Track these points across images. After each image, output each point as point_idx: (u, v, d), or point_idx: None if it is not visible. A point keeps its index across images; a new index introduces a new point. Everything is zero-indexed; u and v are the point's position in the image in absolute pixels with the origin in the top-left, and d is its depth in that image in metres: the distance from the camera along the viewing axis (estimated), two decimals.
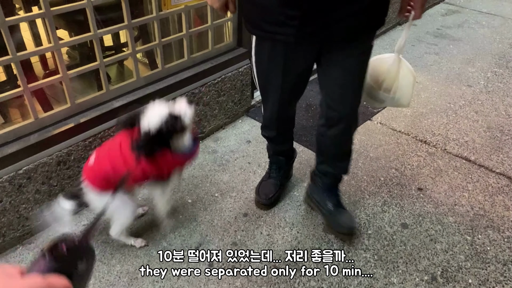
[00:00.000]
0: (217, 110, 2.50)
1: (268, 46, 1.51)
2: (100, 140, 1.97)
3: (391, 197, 2.10)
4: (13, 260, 1.78)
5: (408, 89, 1.68)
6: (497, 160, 2.33)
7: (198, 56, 2.34)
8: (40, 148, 1.79)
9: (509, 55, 3.50)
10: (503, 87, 3.04)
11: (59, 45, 1.75)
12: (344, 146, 1.78)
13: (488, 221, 1.97)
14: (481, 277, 1.72)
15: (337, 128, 1.66)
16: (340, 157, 1.82)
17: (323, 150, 1.85)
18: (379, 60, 1.66)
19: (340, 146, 1.77)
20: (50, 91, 2.58)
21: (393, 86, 1.64)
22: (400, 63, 1.63)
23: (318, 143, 1.85)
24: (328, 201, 1.89)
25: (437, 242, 1.87)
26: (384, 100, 1.70)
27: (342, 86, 1.55)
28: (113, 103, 2.01)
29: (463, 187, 2.16)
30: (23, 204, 1.80)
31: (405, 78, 1.64)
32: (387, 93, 1.65)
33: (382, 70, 1.64)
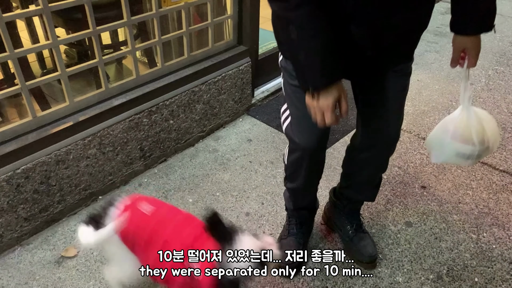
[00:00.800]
0: (217, 109, 2.47)
1: None
2: (100, 139, 1.94)
3: (395, 195, 2.08)
4: (11, 261, 1.75)
5: (497, 132, 1.56)
6: (500, 158, 2.31)
7: (198, 54, 2.32)
8: (38, 147, 1.75)
9: (510, 53, 3.48)
10: (505, 85, 3.02)
11: (57, 41, 1.72)
12: (379, 173, 1.65)
13: (493, 219, 1.94)
14: (487, 276, 1.69)
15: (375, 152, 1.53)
16: (370, 185, 1.68)
17: (352, 174, 1.69)
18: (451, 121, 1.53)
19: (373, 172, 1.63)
20: (48, 90, 2.54)
21: (484, 136, 1.50)
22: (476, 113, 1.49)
23: (346, 167, 1.70)
24: (349, 226, 1.76)
25: (442, 240, 1.84)
26: (482, 154, 1.55)
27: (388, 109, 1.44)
28: (112, 101, 1.98)
29: (467, 185, 2.14)
30: (21, 204, 1.77)
31: (489, 123, 1.51)
32: (482, 146, 1.51)
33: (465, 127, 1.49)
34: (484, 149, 1.51)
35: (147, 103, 2.08)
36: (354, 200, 1.74)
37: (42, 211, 1.84)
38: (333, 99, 1.13)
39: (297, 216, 1.75)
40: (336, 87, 1.13)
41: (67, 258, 1.76)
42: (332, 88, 1.13)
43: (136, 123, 2.06)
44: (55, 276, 1.69)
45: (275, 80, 2.93)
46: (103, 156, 1.98)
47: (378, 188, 1.71)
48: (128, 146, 2.08)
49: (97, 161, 1.97)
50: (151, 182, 2.16)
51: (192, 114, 2.33)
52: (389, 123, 1.46)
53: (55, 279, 1.67)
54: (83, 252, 1.79)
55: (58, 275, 1.69)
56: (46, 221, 1.88)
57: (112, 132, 1.98)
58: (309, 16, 1.08)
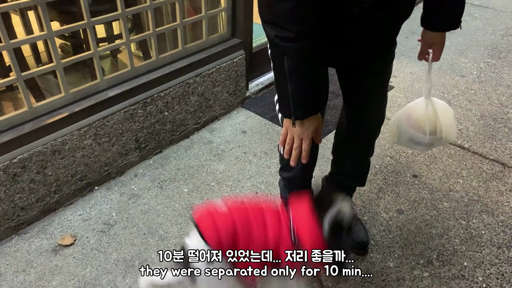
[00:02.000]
0: (212, 101, 2.50)
1: None
2: (96, 129, 1.96)
3: (387, 184, 2.11)
4: (8, 250, 1.77)
5: (452, 125, 1.66)
6: (490, 147, 2.35)
7: (192, 46, 2.34)
8: (34, 137, 1.77)
9: (501, 46, 3.53)
10: (496, 77, 3.06)
11: (52, 32, 1.74)
12: (367, 156, 1.69)
13: (483, 206, 1.98)
14: (476, 260, 1.73)
15: (361, 135, 1.59)
16: (359, 170, 1.73)
17: (341, 160, 1.75)
18: (412, 108, 1.64)
19: (361, 156, 1.68)
20: (44, 84, 2.56)
21: (436, 127, 1.61)
22: (434, 104, 1.61)
23: (335, 152, 1.76)
24: None
25: (432, 227, 1.88)
26: (433, 143, 1.65)
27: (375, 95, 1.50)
28: (107, 92, 2.00)
29: (457, 174, 2.17)
30: (18, 194, 1.79)
31: (444, 116, 1.62)
32: (433, 136, 1.62)
33: (419, 115, 1.61)
34: (437, 139, 1.61)
35: (142, 94, 2.10)
36: (345, 187, 1.77)
37: (38, 201, 1.87)
38: (313, 128, 1.19)
39: None
40: (316, 118, 1.18)
41: (64, 246, 1.78)
42: (313, 118, 1.17)
43: (131, 114, 2.08)
44: (52, 263, 1.71)
45: (269, 73, 2.95)
46: (98, 146, 2.01)
47: (367, 172, 1.75)
48: (124, 137, 2.10)
49: (93, 151, 1.99)
50: (146, 173, 2.18)
51: (186, 106, 2.35)
52: (373, 106, 1.51)
53: (52, 267, 1.70)
54: (79, 241, 1.81)
55: (55, 262, 1.72)
56: (43, 210, 1.90)
57: (108, 123, 2.00)
58: (306, 52, 1.09)
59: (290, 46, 1.07)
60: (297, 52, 1.08)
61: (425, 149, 1.71)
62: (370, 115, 1.53)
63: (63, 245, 1.78)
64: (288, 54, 1.09)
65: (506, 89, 2.90)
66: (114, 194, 2.05)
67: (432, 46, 1.44)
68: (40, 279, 1.65)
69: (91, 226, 1.88)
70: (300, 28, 1.05)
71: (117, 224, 1.89)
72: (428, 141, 1.61)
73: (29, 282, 1.64)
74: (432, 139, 1.61)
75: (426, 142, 1.62)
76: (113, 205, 1.99)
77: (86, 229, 1.87)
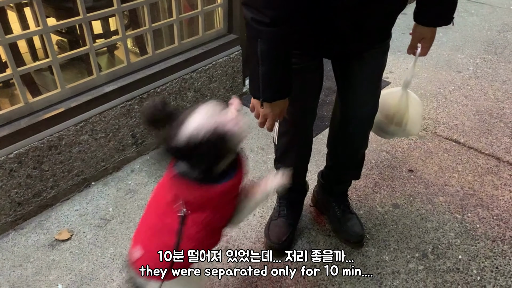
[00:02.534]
0: (208, 97, 2.50)
1: None
2: (92, 125, 1.96)
3: (382, 178, 2.12)
4: (5, 245, 1.78)
5: (418, 120, 1.70)
6: (486, 142, 2.36)
7: (188, 42, 2.34)
8: (30, 133, 1.78)
9: (498, 42, 3.54)
10: (492, 73, 3.07)
11: (48, 28, 1.75)
12: (360, 149, 1.70)
13: (478, 200, 1.99)
14: (471, 253, 1.74)
15: (355, 127, 1.60)
16: (353, 162, 1.73)
17: (335, 152, 1.75)
18: (387, 95, 1.66)
19: (355, 148, 1.68)
20: (40, 81, 2.56)
21: (403, 119, 1.65)
22: (408, 97, 1.64)
23: (330, 145, 1.76)
24: (336, 207, 1.80)
25: (427, 221, 1.89)
26: (395, 133, 1.70)
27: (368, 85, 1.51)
28: (104, 88, 2.00)
29: (453, 168, 2.19)
30: (15, 189, 1.79)
31: (414, 110, 1.65)
32: (398, 126, 1.66)
33: (392, 104, 1.65)
34: (400, 130, 1.67)
35: (138, 90, 2.11)
36: (340, 180, 1.79)
37: (35, 196, 1.87)
38: (279, 110, 1.23)
39: (288, 198, 1.79)
40: (284, 102, 1.23)
41: (61, 241, 1.79)
42: (281, 102, 1.22)
43: (127, 109, 2.09)
44: (49, 258, 1.72)
45: None
46: (95, 142, 2.01)
47: (361, 165, 1.76)
48: (120, 133, 2.10)
49: (90, 147, 2.00)
50: (143, 169, 2.19)
51: (183, 102, 2.36)
52: (367, 99, 1.52)
53: (49, 261, 1.71)
54: (76, 236, 1.82)
55: (52, 257, 1.72)
56: (40, 206, 1.91)
57: (104, 118, 2.00)
58: (280, 38, 1.09)
59: (264, 30, 1.08)
60: (270, 37, 1.09)
61: (387, 137, 1.79)
62: (364, 106, 1.53)
63: (60, 240, 1.79)
64: (262, 37, 1.10)
65: (502, 85, 2.92)
66: (111, 189, 2.06)
67: (422, 40, 1.45)
68: (37, 273, 1.66)
69: (88, 221, 1.88)
70: (276, 13, 1.05)
71: (114, 219, 1.89)
72: (392, 131, 1.68)
73: (26, 277, 1.65)
74: (396, 130, 1.67)
75: (390, 131, 1.68)
76: (110, 200, 1.99)
77: (83, 224, 1.87)
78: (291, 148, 1.60)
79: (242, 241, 1.80)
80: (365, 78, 1.46)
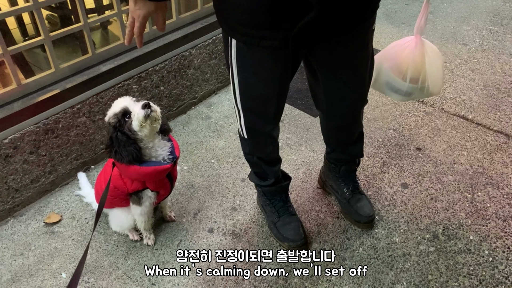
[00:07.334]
0: (209, 74, 2.41)
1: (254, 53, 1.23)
2: (89, 106, 1.88)
3: (390, 157, 2.07)
4: (5, 233, 1.72)
5: (439, 75, 1.41)
6: (494, 118, 2.31)
7: (187, 17, 2.23)
8: (25, 116, 1.69)
9: (504, 12, 3.43)
10: (498, 45, 2.99)
11: (39, 3, 1.63)
12: (354, 134, 1.60)
13: (488, 178, 1.96)
14: (482, 234, 1.72)
15: (343, 118, 1.50)
16: (351, 144, 1.64)
17: (330, 140, 1.68)
18: (397, 46, 1.40)
19: (348, 135, 1.60)
20: (32, 59, 2.45)
21: (420, 75, 1.36)
22: (424, 46, 1.35)
23: (323, 134, 1.69)
24: (345, 188, 1.75)
25: (437, 200, 1.85)
26: (412, 92, 1.42)
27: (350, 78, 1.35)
28: (100, 67, 1.90)
29: (461, 146, 2.14)
30: (12, 175, 1.72)
31: (432, 62, 1.37)
32: (414, 84, 1.38)
33: (404, 57, 1.37)
34: (417, 88, 1.40)
35: (136, 68, 2.01)
36: (345, 161, 1.73)
37: (33, 182, 1.80)
38: (145, 12, 1.12)
39: (279, 190, 1.69)
40: (149, 4, 1.11)
41: (63, 228, 1.73)
42: (147, 3, 1.10)
43: (125, 89, 1.99)
44: (51, 246, 1.67)
45: None
46: (93, 124, 1.93)
47: (361, 142, 1.65)
48: None
49: (88, 129, 1.92)
50: None
51: (183, 80, 2.26)
52: (352, 88, 1.36)
53: (51, 249, 1.66)
54: (78, 222, 1.76)
55: (54, 245, 1.67)
56: (38, 192, 1.84)
57: (102, 99, 1.91)
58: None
59: None
60: None
61: (401, 98, 1.48)
62: (349, 97, 1.38)
63: (52, 223, 1.73)
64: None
65: (509, 58, 2.84)
66: None
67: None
68: (40, 262, 1.61)
69: (89, 206, 1.83)
70: None
71: None
72: (406, 89, 1.40)
73: (28, 266, 1.60)
74: (412, 88, 1.40)
75: (404, 91, 1.41)
76: None
77: (84, 210, 1.82)
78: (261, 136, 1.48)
79: None
80: (347, 64, 1.28)
